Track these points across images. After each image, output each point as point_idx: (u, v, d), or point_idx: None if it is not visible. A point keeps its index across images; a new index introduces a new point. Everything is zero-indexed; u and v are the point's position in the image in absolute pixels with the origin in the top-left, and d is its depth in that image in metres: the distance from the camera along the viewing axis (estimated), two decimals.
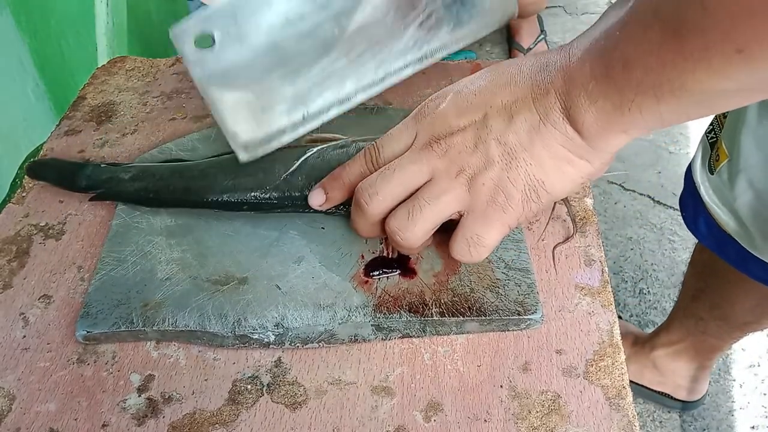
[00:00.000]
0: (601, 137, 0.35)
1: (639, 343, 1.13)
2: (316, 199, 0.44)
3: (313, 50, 0.41)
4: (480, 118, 0.37)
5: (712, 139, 0.69)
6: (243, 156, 0.44)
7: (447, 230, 0.45)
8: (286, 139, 0.44)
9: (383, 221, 0.41)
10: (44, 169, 0.50)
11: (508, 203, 0.37)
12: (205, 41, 0.39)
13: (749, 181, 0.63)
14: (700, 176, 0.71)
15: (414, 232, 0.39)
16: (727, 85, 0.30)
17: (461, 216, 0.39)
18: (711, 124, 0.70)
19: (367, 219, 0.41)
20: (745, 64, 0.29)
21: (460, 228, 0.39)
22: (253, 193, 0.45)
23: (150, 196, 0.47)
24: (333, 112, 0.44)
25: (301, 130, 0.44)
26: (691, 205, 0.74)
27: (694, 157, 0.73)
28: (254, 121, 0.43)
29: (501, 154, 0.37)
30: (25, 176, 0.51)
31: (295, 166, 0.45)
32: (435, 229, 0.40)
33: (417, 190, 0.39)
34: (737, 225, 0.67)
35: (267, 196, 0.45)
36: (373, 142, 0.42)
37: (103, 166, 0.50)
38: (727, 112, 0.67)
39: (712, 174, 0.68)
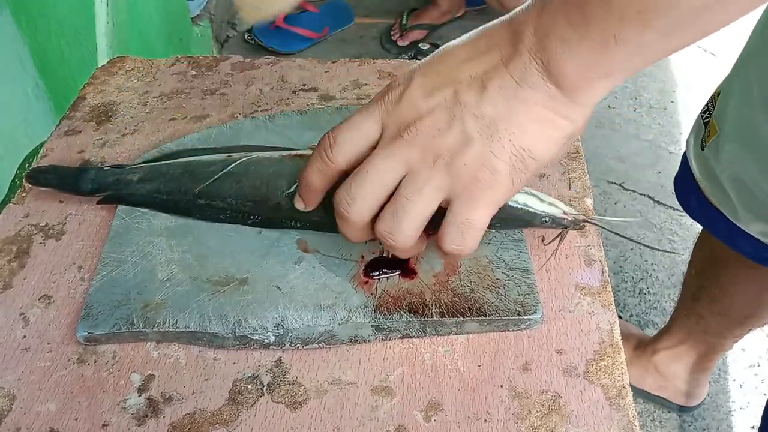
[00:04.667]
0: (584, 87, 0.34)
1: (641, 346, 1.13)
2: (299, 204, 0.43)
3: None
4: (450, 96, 0.35)
5: (706, 119, 0.72)
6: None
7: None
8: None
9: (373, 223, 0.39)
10: (44, 176, 0.50)
11: (494, 179, 0.35)
12: None
13: (733, 151, 0.66)
14: (692, 153, 0.74)
15: (403, 232, 0.37)
16: None
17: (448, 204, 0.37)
18: (706, 104, 0.73)
19: (352, 226, 0.39)
20: None
21: (449, 216, 0.36)
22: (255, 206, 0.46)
23: (163, 197, 0.47)
24: None
25: None
26: (683, 182, 0.78)
27: (688, 138, 0.77)
28: None
29: (480, 128, 0.35)
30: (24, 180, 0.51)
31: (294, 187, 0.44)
32: (425, 224, 0.38)
33: (397, 186, 0.37)
34: (722, 196, 0.70)
35: (269, 215, 0.46)
36: (327, 133, 0.39)
37: (106, 168, 0.49)
38: (720, 91, 0.70)
39: (703, 150, 0.72)
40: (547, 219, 0.42)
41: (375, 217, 0.39)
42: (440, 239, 0.37)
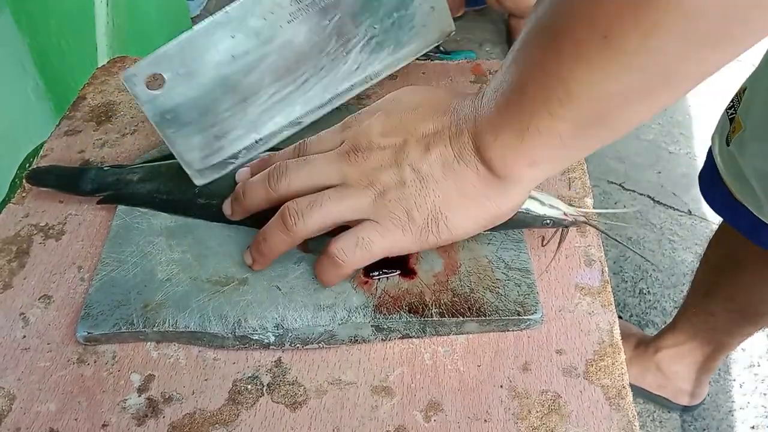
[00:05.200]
0: (509, 172, 0.36)
1: (642, 345, 1.13)
2: (242, 174, 0.46)
3: (260, 80, 0.44)
4: (400, 143, 0.39)
5: (731, 115, 0.72)
6: (199, 181, 0.46)
7: None
8: (240, 161, 0.46)
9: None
10: (44, 176, 0.50)
11: (408, 224, 0.38)
12: (156, 82, 0.42)
13: (759, 148, 0.67)
14: (718, 149, 0.75)
15: (308, 221, 0.40)
16: (610, 86, 0.30)
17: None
18: (732, 101, 0.74)
19: (269, 194, 0.42)
20: (615, 53, 0.29)
21: (356, 228, 0.40)
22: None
23: (163, 197, 0.47)
24: (285, 134, 0.47)
25: (254, 153, 0.47)
26: (708, 177, 0.78)
27: (714, 133, 0.77)
28: (208, 149, 0.45)
29: (413, 179, 0.38)
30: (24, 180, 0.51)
31: None
32: (327, 230, 0.40)
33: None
34: (747, 191, 0.71)
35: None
36: (305, 139, 0.44)
37: (106, 168, 0.50)
38: (746, 87, 0.70)
39: (728, 145, 0.72)
40: (548, 222, 0.43)
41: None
42: (334, 239, 0.40)
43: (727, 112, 0.74)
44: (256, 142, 0.46)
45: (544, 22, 0.32)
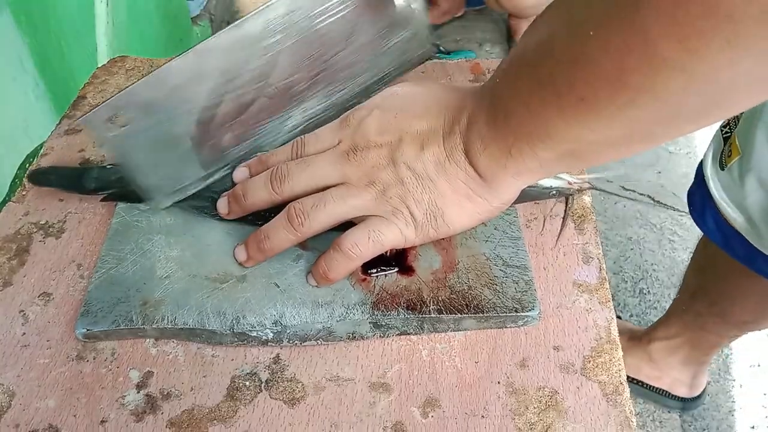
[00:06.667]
0: (496, 179, 0.38)
1: (635, 337, 1.12)
2: (240, 174, 0.46)
3: (230, 111, 0.44)
4: (396, 141, 0.40)
5: (726, 134, 0.68)
6: (161, 204, 0.47)
7: None
8: (202, 185, 0.47)
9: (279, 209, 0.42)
10: (46, 177, 0.50)
11: (411, 219, 0.40)
12: (117, 122, 0.42)
13: (760, 180, 0.62)
14: (710, 171, 0.70)
15: (313, 221, 0.41)
16: (588, 135, 0.31)
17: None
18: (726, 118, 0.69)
19: (272, 197, 0.42)
20: (591, 113, 0.30)
21: (365, 222, 0.41)
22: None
23: None
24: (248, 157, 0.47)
25: (217, 177, 0.47)
26: (699, 199, 0.73)
27: (706, 151, 0.72)
28: (169, 178, 0.45)
29: (410, 177, 0.39)
30: (26, 181, 0.51)
31: None
32: (330, 227, 0.41)
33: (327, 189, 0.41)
34: (746, 222, 0.67)
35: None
36: (302, 136, 0.44)
37: (108, 166, 0.50)
38: None
39: (723, 170, 0.68)
40: (554, 192, 0.45)
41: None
42: (345, 235, 0.41)
43: (721, 130, 0.69)
44: (219, 169, 0.46)
45: (532, 60, 0.33)
